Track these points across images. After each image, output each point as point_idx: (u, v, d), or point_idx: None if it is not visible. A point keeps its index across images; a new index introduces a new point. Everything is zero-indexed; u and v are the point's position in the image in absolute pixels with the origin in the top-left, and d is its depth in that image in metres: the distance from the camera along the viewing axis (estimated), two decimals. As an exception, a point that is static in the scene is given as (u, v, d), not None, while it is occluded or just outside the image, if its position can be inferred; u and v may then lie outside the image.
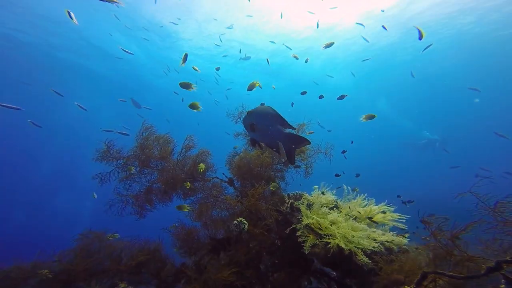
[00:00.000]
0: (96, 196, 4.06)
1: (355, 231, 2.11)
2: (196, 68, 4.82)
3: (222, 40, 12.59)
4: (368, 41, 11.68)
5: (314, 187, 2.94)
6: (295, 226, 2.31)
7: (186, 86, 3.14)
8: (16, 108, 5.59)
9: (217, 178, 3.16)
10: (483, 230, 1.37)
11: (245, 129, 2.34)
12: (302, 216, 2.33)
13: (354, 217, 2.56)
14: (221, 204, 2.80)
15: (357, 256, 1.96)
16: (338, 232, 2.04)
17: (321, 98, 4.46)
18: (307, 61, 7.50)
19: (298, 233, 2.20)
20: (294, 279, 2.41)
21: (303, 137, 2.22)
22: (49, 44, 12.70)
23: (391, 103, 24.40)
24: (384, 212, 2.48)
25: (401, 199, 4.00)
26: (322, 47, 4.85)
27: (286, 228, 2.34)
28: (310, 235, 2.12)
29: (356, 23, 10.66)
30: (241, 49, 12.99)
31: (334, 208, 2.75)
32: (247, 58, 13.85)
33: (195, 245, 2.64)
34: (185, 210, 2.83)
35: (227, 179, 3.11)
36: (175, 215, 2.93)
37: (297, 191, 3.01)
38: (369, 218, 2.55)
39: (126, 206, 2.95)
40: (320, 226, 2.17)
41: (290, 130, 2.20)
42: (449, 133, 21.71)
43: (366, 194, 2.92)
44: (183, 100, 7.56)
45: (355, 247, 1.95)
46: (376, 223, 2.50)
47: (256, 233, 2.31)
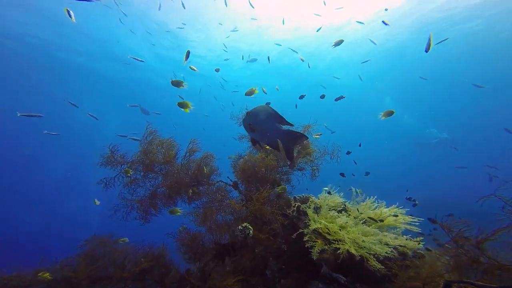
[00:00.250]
0: (98, 202, 4.06)
1: (366, 236, 2.00)
2: (193, 67, 4.83)
3: (229, 43, 12.65)
4: (375, 43, 11.68)
5: (324, 189, 2.85)
6: (302, 230, 2.22)
7: (177, 84, 3.20)
8: (37, 116, 5.58)
9: (221, 181, 3.10)
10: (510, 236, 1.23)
11: (245, 130, 2.32)
12: (310, 220, 2.24)
13: (364, 220, 2.45)
14: (225, 208, 2.74)
15: (368, 262, 1.86)
16: (348, 237, 1.94)
17: (322, 97, 4.39)
18: (309, 66, 7.60)
19: (306, 238, 2.11)
20: (302, 285, 2.32)
21: (300, 133, 2.20)
22: (58, 46, 12.71)
23: (397, 101, 23.91)
24: (396, 215, 2.36)
25: (408, 195, 3.87)
26: (331, 46, 4.78)
27: (293, 233, 2.25)
28: (318, 240, 2.02)
29: (357, 22, 10.51)
30: (248, 53, 13.01)
31: (343, 211, 2.65)
32: (253, 60, 13.85)
33: (200, 250, 2.58)
34: (178, 214, 2.84)
35: (231, 183, 3.06)
36: (180, 220, 2.89)
37: (303, 194, 2.93)
38: (380, 220, 2.44)
39: (131, 211, 2.93)
40: (329, 230, 2.07)
41: (288, 127, 2.20)
42: (457, 131, 21.09)
43: (375, 196, 2.82)
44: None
45: (367, 252, 1.84)
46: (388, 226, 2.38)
47: (262, 238, 2.23)
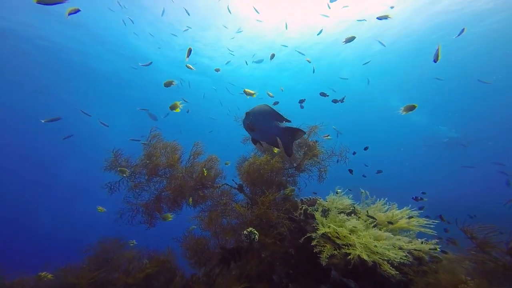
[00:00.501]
0: (104, 209, 4.04)
1: (378, 240, 1.90)
2: (190, 66, 4.82)
3: (239, 44, 12.76)
4: (384, 45, 11.46)
5: (337, 190, 2.78)
6: (310, 234, 2.13)
7: (168, 84, 3.38)
8: (57, 119, 5.60)
9: (226, 184, 3.05)
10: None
11: (245, 130, 2.31)
12: (318, 224, 2.15)
13: (375, 223, 2.34)
14: (231, 212, 2.68)
15: (382, 267, 1.76)
16: (359, 242, 1.84)
17: (324, 96, 4.29)
18: (314, 71, 7.81)
19: (314, 242, 2.02)
20: (311, 291, 2.22)
21: (298, 128, 2.18)
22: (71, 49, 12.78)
23: (403, 99, 23.43)
24: (410, 216, 2.25)
25: (420, 196, 3.72)
26: (342, 42, 4.70)
27: (300, 237, 2.17)
28: (327, 245, 1.94)
29: (357, 20, 10.35)
30: (259, 55, 13.09)
31: (352, 214, 2.55)
32: (260, 61, 13.83)
33: (205, 255, 2.52)
34: (169, 220, 2.85)
35: (236, 186, 3.00)
36: (185, 224, 2.86)
37: (310, 196, 2.84)
38: (390, 223, 2.33)
39: (136, 215, 2.91)
40: (338, 235, 1.98)
41: (286, 124, 2.18)
42: (468, 129, 20.48)
43: (386, 198, 2.72)
44: (189, 111, 7.94)
45: (380, 258, 1.74)
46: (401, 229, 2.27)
47: (268, 242, 2.16)
